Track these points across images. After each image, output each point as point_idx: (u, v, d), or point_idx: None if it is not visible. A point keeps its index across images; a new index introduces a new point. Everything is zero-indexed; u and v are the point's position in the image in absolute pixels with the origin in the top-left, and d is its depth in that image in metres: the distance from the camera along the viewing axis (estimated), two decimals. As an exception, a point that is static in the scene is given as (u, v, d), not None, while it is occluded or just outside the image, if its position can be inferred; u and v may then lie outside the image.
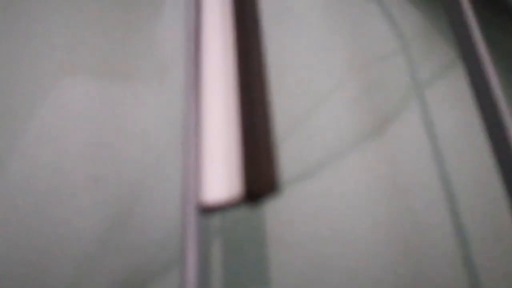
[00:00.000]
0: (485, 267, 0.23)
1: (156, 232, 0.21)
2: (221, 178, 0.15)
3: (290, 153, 0.25)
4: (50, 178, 0.22)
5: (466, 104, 0.27)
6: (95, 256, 0.21)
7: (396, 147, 0.26)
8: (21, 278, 0.20)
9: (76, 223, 0.21)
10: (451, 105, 0.27)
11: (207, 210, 0.15)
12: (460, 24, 0.24)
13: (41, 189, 0.22)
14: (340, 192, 0.24)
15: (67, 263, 0.20)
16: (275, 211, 0.23)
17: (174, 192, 0.22)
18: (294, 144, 0.25)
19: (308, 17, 0.30)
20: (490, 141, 0.22)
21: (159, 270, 0.21)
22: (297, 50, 0.28)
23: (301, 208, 0.23)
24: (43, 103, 0.25)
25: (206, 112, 0.17)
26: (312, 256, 0.22)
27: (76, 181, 0.22)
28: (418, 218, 0.23)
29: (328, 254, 0.22)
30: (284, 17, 0.30)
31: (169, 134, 0.24)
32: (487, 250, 0.23)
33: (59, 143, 0.24)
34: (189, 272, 0.14)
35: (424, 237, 0.23)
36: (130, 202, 0.22)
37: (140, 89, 0.26)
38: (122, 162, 0.23)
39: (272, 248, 0.22)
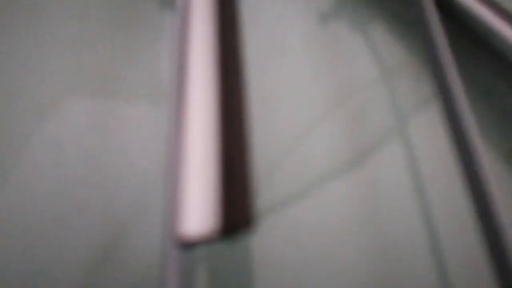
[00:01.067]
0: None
1: (139, 263, 0.21)
2: (199, 213, 0.15)
3: (274, 182, 0.25)
4: (39, 205, 0.23)
5: (447, 136, 0.28)
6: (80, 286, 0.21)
7: (376, 178, 0.26)
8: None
9: (62, 252, 0.21)
10: (433, 136, 0.28)
11: (185, 244, 0.15)
12: (435, 59, 0.25)
13: (31, 216, 0.22)
14: (322, 223, 0.24)
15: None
16: (260, 240, 0.23)
17: (158, 223, 0.22)
18: (278, 174, 0.25)
19: (292, 50, 0.30)
20: (462, 172, 0.22)
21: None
22: (280, 82, 0.29)
23: (286, 236, 0.23)
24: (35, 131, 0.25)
25: (187, 147, 0.17)
26: (296, 283, 0.22)
27: (63, 208, 0.23)
28: (398, 248, 0.24)
29: (312, 282, 0.22)
30: (269, 49, 0.30)
31: (155, 164, 0.25)
32: (466, 277, 0.23)
33: (48, 170, 0.24)
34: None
35: (404, 268, 0.23)
36: (115, 232, 0.22)
37: (131, 118, 0.26)
38: (108, 190, 0.23)
39: (257, 278, 0.22)
